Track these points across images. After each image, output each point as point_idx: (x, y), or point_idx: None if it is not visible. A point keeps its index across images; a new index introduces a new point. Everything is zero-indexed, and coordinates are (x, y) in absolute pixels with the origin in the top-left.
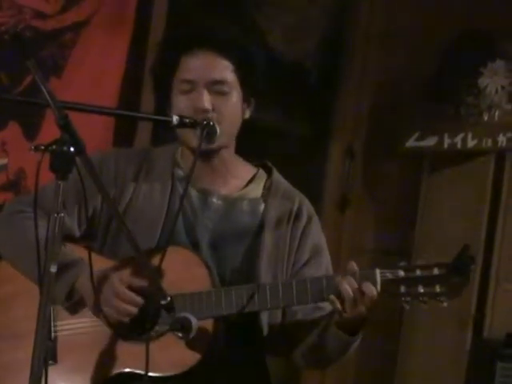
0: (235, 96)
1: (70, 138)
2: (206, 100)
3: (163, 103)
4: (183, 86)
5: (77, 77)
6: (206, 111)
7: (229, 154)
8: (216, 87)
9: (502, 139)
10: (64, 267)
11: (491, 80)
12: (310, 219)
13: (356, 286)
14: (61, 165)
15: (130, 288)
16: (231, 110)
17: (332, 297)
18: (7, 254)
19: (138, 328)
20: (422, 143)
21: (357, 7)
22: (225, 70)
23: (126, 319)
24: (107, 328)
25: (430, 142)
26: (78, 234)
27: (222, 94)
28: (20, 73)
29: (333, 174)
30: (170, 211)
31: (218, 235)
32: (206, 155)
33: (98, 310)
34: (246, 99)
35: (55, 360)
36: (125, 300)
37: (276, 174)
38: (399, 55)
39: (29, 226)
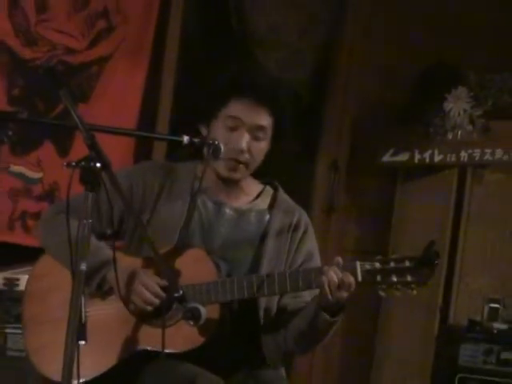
0: (266, 141)
1: (96, 156)
2: (245, 142)
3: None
4: (229, 122)
5: (101, 103)
6: (242, 152)
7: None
8: (256, 132)
9: (464, 155)
10: (97, 258)
11: (455, 104)
12: (306, 230)
13: (340, 275)
14: (89, 178)
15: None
16: (261, 154)
17: (323, 279)
18: (50, 249)
19: (156, 314)
20: (396, 158)
21: (339, 43)
22: (266, 120)
23: (149, 308)
24: (129, 314)
25: (403, 157)
26: (109, 232)
27: (259, 139)
28: (53, 100)
29: (320, 185)
30: (187, 219)
31: (229, 240)
32: (229, 182)
33: (126, 299)
34: (269, 143)
35: (86, 340)
36: (151, 292)
37: (281, 191)
38: (377, 84)
39: (65, 228)
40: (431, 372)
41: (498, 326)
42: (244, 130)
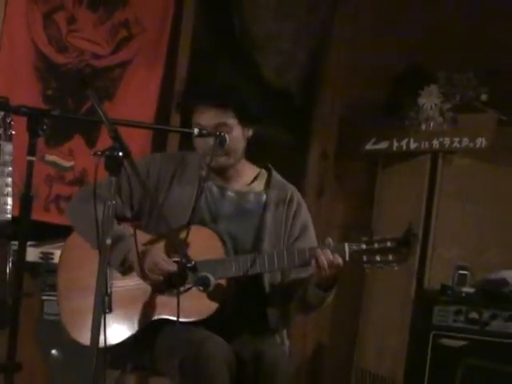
0: (235, 131)
1: (119, 146)
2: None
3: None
4: (197, 130)
5: (124, 101)
6: None
7: (238, 164)
8: (220, 128)
9: (435, 143)
10: (119, 241)
11: (427, 100)
12: (299, 205)
13: (330, 256)
14: (113, 165)
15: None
16: (236, 141)
17: (313, 264)
18: (78, 227)
19: (171, 286)
20: (377, 146)
21: (328, 48)
22: (225, 117)
23: (161, 281)
24: (149, 287)
25: (383, 145)
26: (129, 215)
27: (226, 131)
28: (82, 99)
29: (312, 171)
30: (197, 201)
31: (233, 218)
32: (222, 168)
33: (143, 275)
34: (245, 127)
35: (110, 309)
36: (165, 267)
37: (274, 173)
38: (361, 82)
39: (92, 210)
40: (409, 330)
41: (466, 290)
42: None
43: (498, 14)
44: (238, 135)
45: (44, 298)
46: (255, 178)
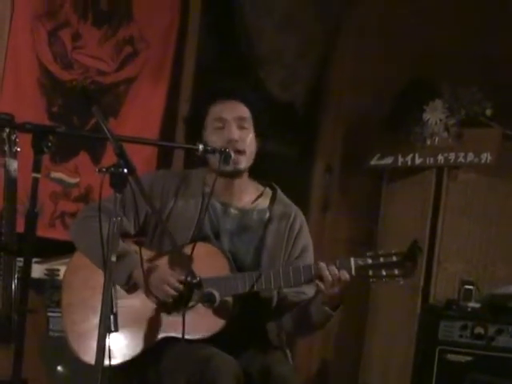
0: (252, 133)
1: (124, 163)
2: (236, 132)
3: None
4: (216, 124)
5: (129, 117)
6: (236, 141)
7: (245, 177)
8: (241, 123)
9: (440, 158)
10: (124, 258)
11: (432, 115)
12: (301, 227)
13: (336, 271)
14: (118, 182)
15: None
16: (250, 141)
17: (317, 281)
18: (81, 247)
19: (177, 305)
20: (382, 162)
21: (332, 62)
22: (245, 113)
23: (170, 300)
24: (154, 305)
25: (388, 160)
26: (133, 232)
27: (245, 128)
28: (87, 116)
29: (317, 185)
30: (200, 218)
31: (235, 236)
32: (232, 175)
33: (149, 293)
34: (256, 137)
35: (117, 329)
36: (171, 287)
37: (279, 192)
38: (365, 97)
39: (96, 227)
40: (415, 345)
41: (471, 304)
42: (231, 123)
43: (499, 26)
44: (253, 138)
45: (49, 314)
46: (259, 196)
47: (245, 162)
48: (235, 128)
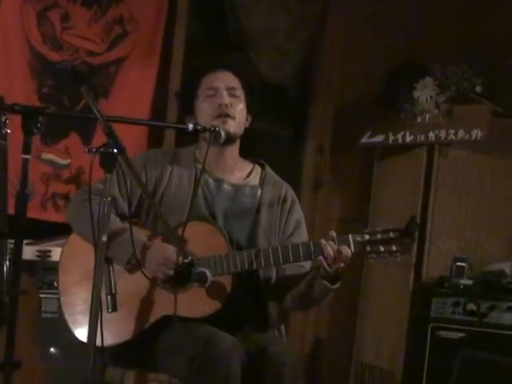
0: (242, 103)
1: (113, 143)
2: (226, 98)
3: (183, 118)
4: (209, 92)
5: (119, 98)
6: (226, 105)
7: (235, 151)
8: (232, 91)
9: (431, 135)
10: (124, 239)
11: (422, 92)
12: (293, 202)
13: (336, 248)
14: (107, 162)
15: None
16: (241, 110)
17: (320, 258)
18: (77, 229)
19: (173, 284)
20: (373, 140)
21: (322, 41)
22: (237, 84)
23: (166, 277)
24: (151, 284)
25: (379, 138)
26: (128, 213)
27: (236, 96)
28: (77, 96)
29: (308, 165)
30: (194, 195)
31: (229, 212)
32: (224, 144)
33: (150, 271)
34: (248, 111)
35: (116, 308)
36: (167, 267)
37: (268, 169)
38: (355, 76)
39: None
40: (407, 322)
41: (463, 281)
42: (223, 91)
43: (488, 5)
44: (243, 107)
45: (42, 296)
46: (250, 173)
47: (234, 127)
48: (226, 95)
